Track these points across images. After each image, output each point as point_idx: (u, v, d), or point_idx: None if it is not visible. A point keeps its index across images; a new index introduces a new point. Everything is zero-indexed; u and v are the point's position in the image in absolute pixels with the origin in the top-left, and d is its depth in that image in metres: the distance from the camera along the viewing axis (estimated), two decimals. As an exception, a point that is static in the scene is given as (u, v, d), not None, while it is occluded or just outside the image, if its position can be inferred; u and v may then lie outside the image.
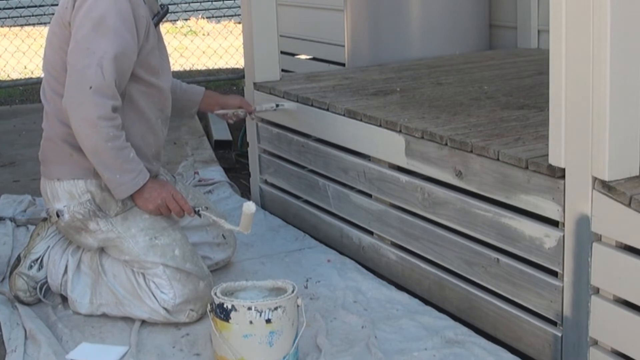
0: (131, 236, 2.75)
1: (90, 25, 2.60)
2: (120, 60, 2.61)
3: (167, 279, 2.74)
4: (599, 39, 2.10)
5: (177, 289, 2.73)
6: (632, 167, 2.20)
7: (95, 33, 2.60)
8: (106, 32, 2.60)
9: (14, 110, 6.24)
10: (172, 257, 2.75)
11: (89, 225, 2.76)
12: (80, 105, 2.58)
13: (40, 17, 9.95)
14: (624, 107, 2.14)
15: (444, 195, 2.76)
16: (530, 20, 4.52)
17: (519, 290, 2.52)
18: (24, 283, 2.89)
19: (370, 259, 3.20)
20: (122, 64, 2.63)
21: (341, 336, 2.65)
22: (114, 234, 2.76)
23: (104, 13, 2.60)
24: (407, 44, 4.40)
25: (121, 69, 2.63)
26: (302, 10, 5.93)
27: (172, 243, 2.78)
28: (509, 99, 3.25)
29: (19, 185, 4.38)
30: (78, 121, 2.60)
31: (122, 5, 2.63)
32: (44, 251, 2.92)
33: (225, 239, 3.13)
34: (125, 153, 2.65)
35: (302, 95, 3.50)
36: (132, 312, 2.77)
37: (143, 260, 2.74)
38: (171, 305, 2.73)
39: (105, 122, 2.58)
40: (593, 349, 2.30)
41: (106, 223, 2.75)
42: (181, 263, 2.76)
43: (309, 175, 3.51)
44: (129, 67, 2.67)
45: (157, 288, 2.74)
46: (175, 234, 2.81)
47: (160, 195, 2.72)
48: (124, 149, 2.64)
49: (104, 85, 2.58)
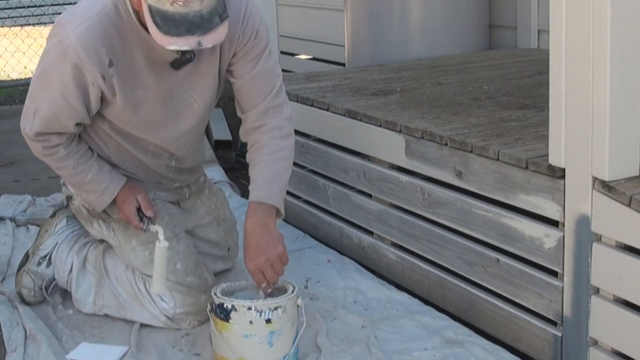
0: (131, 248, 2.71)
1: (38, 72, 2.48)
2: (51, 120, 2.47)
3: (168, 289, 2.70)
4: (599, 39, 2.10)
5: (178, 299, 2.70)
6: (632, 167, 2.20)
7: (39, 82, 2.48)
8: (45, 89, 2.46)
9: (14, 110, 6.24)
10: (172, 272, 2.68)
11: (93, 223, 2.76)
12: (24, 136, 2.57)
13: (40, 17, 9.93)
14: (624, 107, 2.14)
15: (444, 195, 2.76)
16: (530, 20, 4.52)
17: (519, 290, 2.52)
18: (30, 281, 2.88)
19: (370, 259, 3.20)
20: (55, 124, 2.49)
21: (341, 336, 2.65)
22: (115, 242, 2.73)
23: (48, 71, 2.43)
24: (407, 44, 4.40)
25: (53, 126, 2.49)
26: (302, 10, 5.93)
27: (173, 257, 2.69)
28: (509, 99, 3.25)
29: (19, 185, 4.38)
30: None
31: (65, 71, 2.37)
32: (52, 247, 2.92)
33: (229, 251, 3.08)
34: (79, 178, 2.59)
35: (302, 95, 3.50)
36: (134, 316, 2.75)
37: (142, 273, 2.73)
38: (172, 314, 2.71)
39: (44, 157, 2.57)
40: (593, 349, 2.30)
41: (108, 229, 2.73)
42: (182, 277, 2.69)
43: (309, 175, 3.51)
44: (70, 126, 2.50)
45: (157, 296, 2.71)
46: (179, 246, 2.72)
47: (121, 210, 2.64)
48: (76, 175, 2.58)
49: (30, 134, 2.52)
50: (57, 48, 2.38)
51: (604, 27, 2.08)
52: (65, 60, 2.37)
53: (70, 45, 2.35)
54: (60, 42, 2.37)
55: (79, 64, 2.36)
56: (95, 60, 2.36)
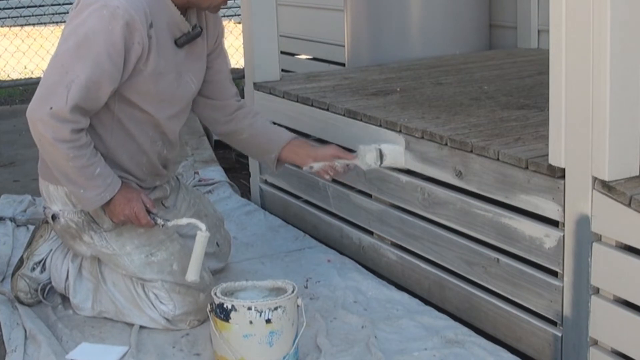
0: (126, 254, 2.69)
1: (74, 41, 2.46)
2: (91, 88, 2.46)
3: (166, 292, 2.70)
4: (599, 39, 2.10)
5: (176, 301, 2.70)
6: (632, 167, 2.20)
7: (75, 52, 2.45)
8: (86, 55, 2.44)
9: (14, 110, 6.23)
10: (170, 273, 2.70)
11: (83, 237, 2.71)
12: (39, 122, 2.45)
13: (40, 17, 9.94)
14: (624, 107, 2.14)
15: (444, 195, 2.76)
16: (530, 20, 4.52)
17: (519, 290, 2.52)
18: (25, 285, 2.88)
19: (370, 259, 3.20)
20: (93, 92, 2.47)
21: (341, 336, 2.65)
22: (109, 251, 2.70)
23: (91, 34, 2.44)
24: (407, 44, 4.40)
25: (90, 97, 2.47)
26: (302, 10, 5.93)
27: (169, 257, 2.71)
28: (509, 99, 3.25)
29: (19, 185, 4.38)
30: (37, 136, 2.48)
31: (115, 31, 2.43)
32: (46, 253, 2.90)
33: (219, 247, 3.07)
34: (89, 171, 2.52)
35: (302, 95, 3.50)
36: (133, 320, 2.75)
37: (140, 278, 2.72)
38: (171, 316, 2.71)
39: (63, 144, 2.45)
40: (593, 349, 2.30)
41: (100, 238, 2.69)
42: (180, 277, 2.69)
43: (309, 175, 3.51)
44: (104, 94, 2.50)
45: (156, 299, 2.71)
46: (174, 247, 2.74)
47: (123, 212, 2.59)
48: (88, 166, 2.51)
49: (64, 110, 2.43)
50: (102, 11, 2.44)
51: (604, 27, 2.08)
52: (115, 20, 2.43)
53: (119, 5, 2.44)
54: (104, 5, 2.44)
55: (130, 22, 2.44)
56: (143, 19, 2.47)
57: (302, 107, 3.47)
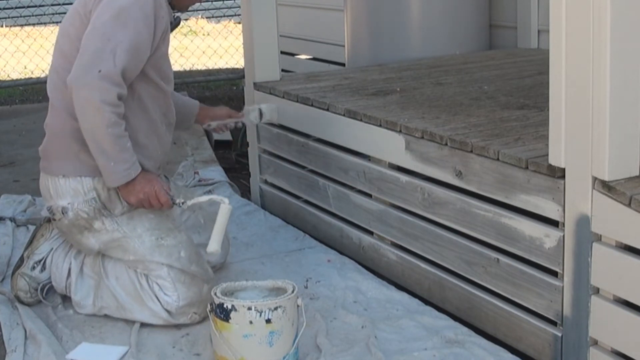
0: (137, 236, 2.74)
1: (110, 14, 2.62)
2: (133, 52, 2.61)
3: (172, 281, 2.73)
4: (599, 39, 2.10)
5: (181, 292, 2.73)
6: (632, 167, 2.20)
7: (114, 22, 2.61)
8: (125, 22, 2.62)
9: (14, 110, 6.24)
10: (177, 259, 2.75)
11: (94, 224, 2.74)
12: (86, 86, 2.56)
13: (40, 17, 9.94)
14: (624, 107, 2.14)
15: (444, 195, 2.76)
16: (530, 20, 4.52)
17: (519, 290, 2.52)
18: (25, 284, 2.88)
19: (370, 259, 3.20)
20: (134, 57, 2.63)
21: (341, 336, 2.65)
22: (120, 234, 2.75)
23: (126, 5, 2.63)
24: (407, 44, 4.40)
25: (132, 62, 2.62)
26: (302, 10, 5.93)
27: (178, 244, 2.78)
28: (509, 99, 3.25)
29: (19, 185, 4.38)
30: (81, 102, 2.58)
31: (147, 3, 2.65)
32: (47, 253, 2.92)
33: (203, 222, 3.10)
34: (123, 142, 2.62)
35: (302, 95, 3.50)
36: (133, 315, 2.76)
37: (148, 261, 2.74)
38: (174, 308, 2.72)
39: (109, 107, 2.56)
40: (593, 349, 2.30)
41: (112, 222, 2.74)
42: (187, 265, 2.75)
43: (309, 175, 3.52)
44: (141, 62, 2.67)
45: (160, 290, 2.73)
46: (181, 236, 2.81)
47: (143, 190, 2.69)
48: (123, 137, 2.62)
49: (113, 72, 2.57)
50: None
51: (604, 27, 2.08)
52: None
53: None
54: None
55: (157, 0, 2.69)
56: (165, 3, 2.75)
57: (302, 107, 3.47)
